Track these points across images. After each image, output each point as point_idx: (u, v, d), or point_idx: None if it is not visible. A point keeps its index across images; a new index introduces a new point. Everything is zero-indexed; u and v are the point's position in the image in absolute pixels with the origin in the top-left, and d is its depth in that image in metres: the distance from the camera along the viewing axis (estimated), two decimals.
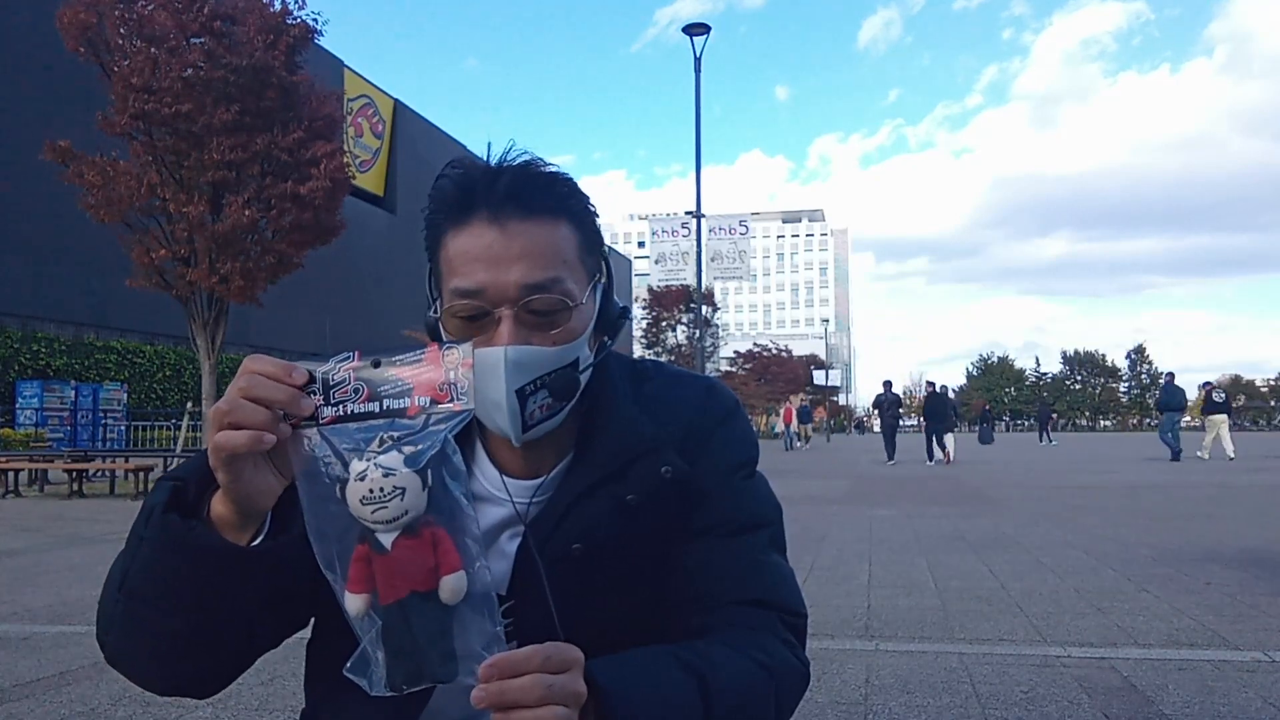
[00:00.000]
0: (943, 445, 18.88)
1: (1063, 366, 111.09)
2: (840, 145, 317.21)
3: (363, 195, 31.54)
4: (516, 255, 0.91)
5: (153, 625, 0.85)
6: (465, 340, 0.76)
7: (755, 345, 61.56)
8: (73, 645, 3.63)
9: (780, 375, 56.74)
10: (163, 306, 15.21)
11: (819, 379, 65.86)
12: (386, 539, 0.71)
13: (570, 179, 0.97)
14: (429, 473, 0.71)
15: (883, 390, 20.42)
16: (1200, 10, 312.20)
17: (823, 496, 10.70)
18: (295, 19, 12.96)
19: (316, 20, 13.27)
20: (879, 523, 7.76)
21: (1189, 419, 40.12)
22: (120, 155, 12.40)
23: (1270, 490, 11.02)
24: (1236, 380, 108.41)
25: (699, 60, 18.75)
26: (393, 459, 0.70)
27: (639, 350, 41.09)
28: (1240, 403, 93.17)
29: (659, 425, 1.02)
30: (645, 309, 43.13)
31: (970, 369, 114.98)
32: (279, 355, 0.77)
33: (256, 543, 0.82)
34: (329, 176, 12.86)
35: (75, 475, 11.69)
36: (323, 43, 14.45)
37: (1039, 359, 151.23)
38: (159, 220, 12.65)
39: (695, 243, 22.26)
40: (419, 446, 0.71)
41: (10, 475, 11.70)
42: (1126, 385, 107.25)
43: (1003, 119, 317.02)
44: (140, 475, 11.30)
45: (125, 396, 21.06)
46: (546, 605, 0.94)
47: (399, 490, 0.70)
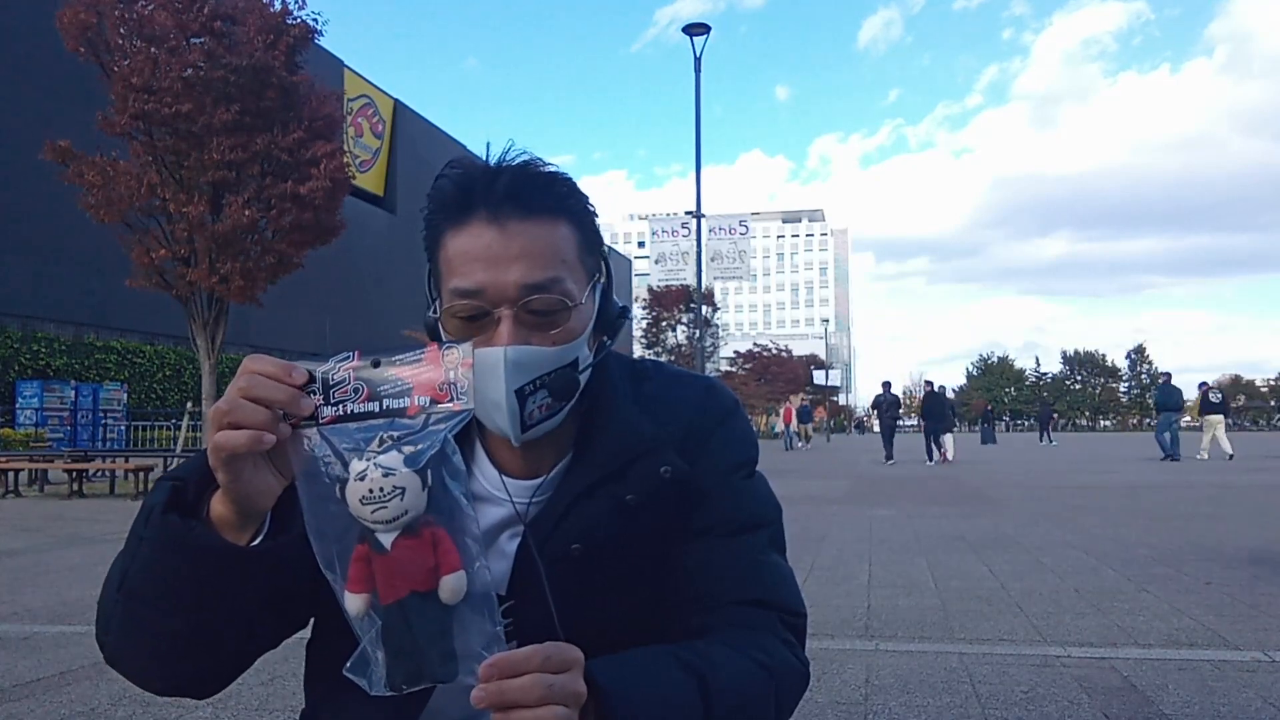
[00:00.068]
0: (940, 445, 18.94)
1: (1063, 366, 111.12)
2: (840, 145, 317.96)
3: (363, 195, 31.54)
4: (516, 255, 0.91)
5: (152, 625, 0.85)
6: (465, 340, 0.76)
7: (755, 345, 61.59)
8: (73, 645, 3.62)
9: (780, 375, 56.77)
10: (163, 306, 15.22)
11: (819, 379, 65.88)
12: (386, 539, 0.71)
13: (569, 179, 0.97)
14: (429, 473, 0.71)
15: (882, 391, 20.46)
16: (1200, 10, 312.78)
17: (823, 496, 10.69)
18: (295, 19, 12.97)
19: (316, 20, 13.30)
20: (879, 523, 7.76)
21: (1188, 419, 40.07)
22: (120, 155, 12.41)
23: (1270, 490, 11.02)
24: (1236, 380, 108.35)
25: (699, 60, 18.77)
26: (392, 459, 0.70)
27: (639, 350, 41.08)
28: (1240, 403, 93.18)
29: (659, 425, 1.02)
30: (645, 309, 43.13)
31: (970, 369, 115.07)
32: (279, 355, 0.77)
33: (256, 543, 0.82)
34: (329, 176, 12.86)
35: (75, 475, 11.69)
36: (323, 43, 14.47)
37: (1039, 359, 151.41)
38: (159, 220, 12.66)
39: (695, 243, 22.27)
40: (419, 446, 0.71)
41: (10, 475, 11.69)
42: (1126, 385, 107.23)
43: (1003, 119, 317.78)
44: (140, 475, 11.30)
45: (125, 396, 21.05)
46: (546, 605, 0.94)
47: (399, 490, 0.70)
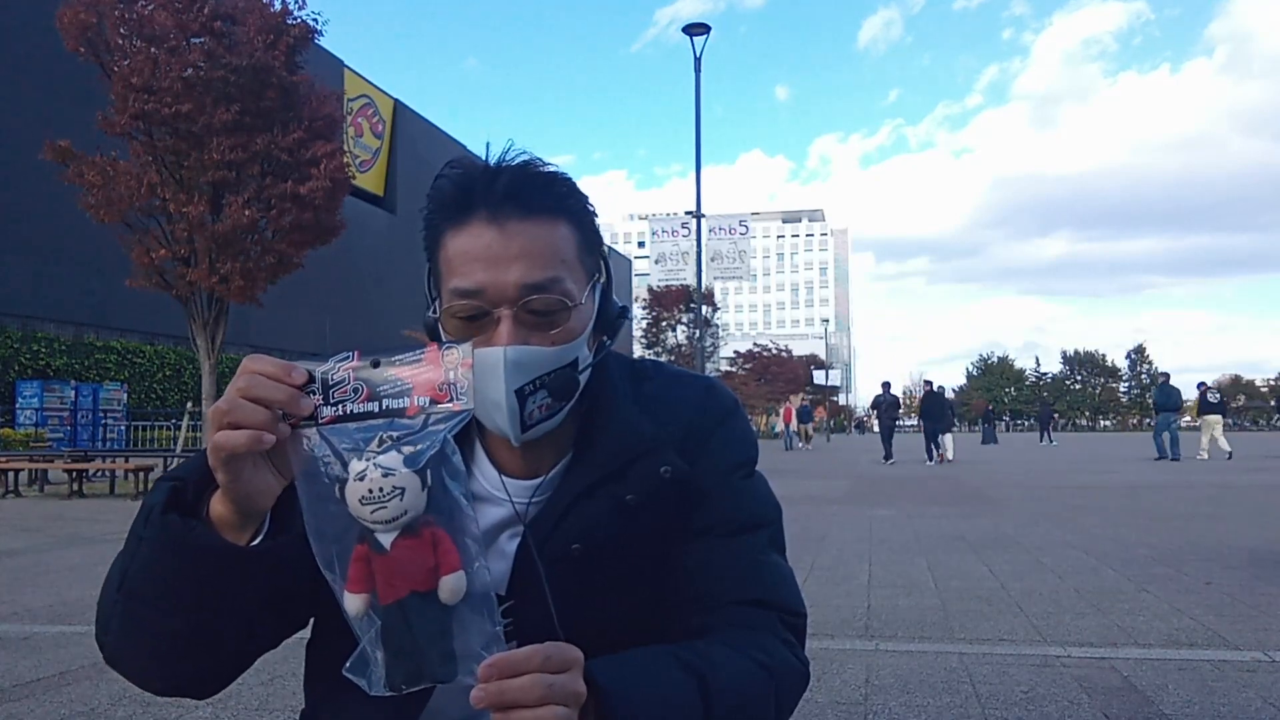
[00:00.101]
0: (940, 445, 18.95)
1: (1063, 366, 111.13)
2: (840, 145, 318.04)
3: (363, 195, 31.53)
4: (515, 255, 0.91)
5: (152, 625, 0.85)
6: (464, 340, 0.76)
7: (755, 345, 61.61)
8: (73, 645, 3.62)
9: (780, 375, 56.77)
10: (163, 306, 15.22)
11: (819, 379, 65.84)
12: (386, 539, 0.71)
13: (569, 179, 0.97)
14: (428, 473, 0.71)
15: (881, 391, 20.51)
16: (1200, 10, 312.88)
17: (823, 496, 10.69)
18: (295, 19, 12.98)
19: (316, 20, 13.30)
20: (879, 523, 7.76)
21: (1187, 419, 40.07)
22: (120, 155, 12.41)
23: (1270, 490, 11.02)
24: (1236, 380, 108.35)
25: (699, 60, 18.76)
26: (392, 459, 0.70)
27: (639, 350, 41.08)
28: (1240, 403, 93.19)
29: (658, 425, 1.02)
30: (645, 309, 43.12)
31: (970, 369, 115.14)
32: (279, 355, 0.77)
33: (256, 543, 0.82)
34: (329, 176, 12.87)
35: (75, 475, 11.68)
36: (323, 43, 14.47)
37: (1039, 359, 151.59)
38: (159, 220, 12.66)
39: (695, 243, 22.25)
40: (418, 446, 0.71)
41: (10, 475, 11.69)
42: (1126, 385, 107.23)
43: (1003, 119, 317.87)
44: (140, 475, 11.30)
45: (125, 396, 21.05)
46: (546, 605, 0.94)
47: (398, 490, 0.70)
